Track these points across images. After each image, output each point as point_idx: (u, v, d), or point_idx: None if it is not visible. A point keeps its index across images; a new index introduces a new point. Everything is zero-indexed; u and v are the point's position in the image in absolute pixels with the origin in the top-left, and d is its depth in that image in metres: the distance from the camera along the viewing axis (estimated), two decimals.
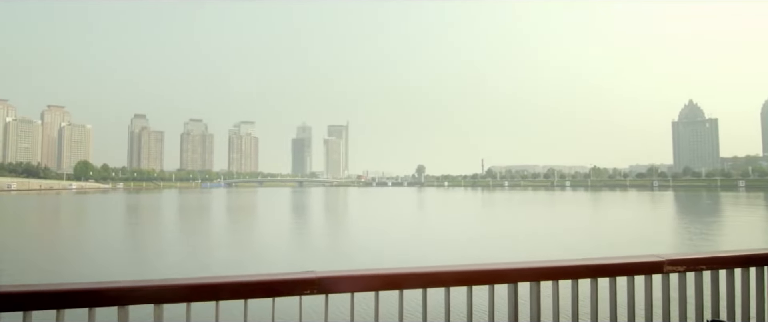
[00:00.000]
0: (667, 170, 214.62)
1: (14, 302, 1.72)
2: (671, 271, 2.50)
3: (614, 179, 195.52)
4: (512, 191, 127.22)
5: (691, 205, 57.76)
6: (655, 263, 2.49)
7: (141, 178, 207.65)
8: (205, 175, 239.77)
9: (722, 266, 2.58)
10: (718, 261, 2.60)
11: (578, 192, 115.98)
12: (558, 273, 2.39)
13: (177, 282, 1.92)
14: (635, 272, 2.47)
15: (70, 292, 1.78)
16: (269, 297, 1.96)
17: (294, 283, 1.99)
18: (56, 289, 1.77)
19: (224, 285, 1.96)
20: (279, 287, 1.99)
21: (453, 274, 2.23)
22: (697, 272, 2.57)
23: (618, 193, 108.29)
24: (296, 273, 2.02)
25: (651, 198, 76.81)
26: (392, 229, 30.71)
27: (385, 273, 2.16)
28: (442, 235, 26.64)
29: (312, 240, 25.61)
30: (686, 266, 2.53)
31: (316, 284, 1.98)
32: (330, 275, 2.03)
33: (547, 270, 2.39)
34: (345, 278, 2.07)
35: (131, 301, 1.82)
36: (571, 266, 2.44)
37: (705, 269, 2.58)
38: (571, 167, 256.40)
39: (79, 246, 22.83)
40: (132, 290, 1.83)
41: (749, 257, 2.66)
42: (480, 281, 2.24)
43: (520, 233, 27.30)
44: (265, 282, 1.99)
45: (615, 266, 2.47)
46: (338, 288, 2.04)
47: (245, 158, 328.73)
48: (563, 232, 27.26)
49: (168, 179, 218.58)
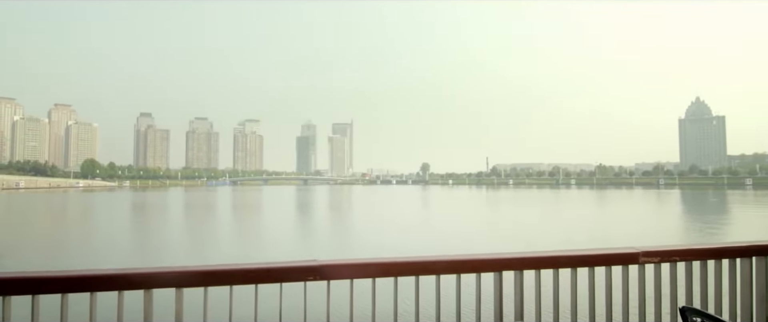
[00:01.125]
0: (673, 167, 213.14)
1: (53, 286, 1.98)
2: (646, 262, 2.68)
3: (620, 176, 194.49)
4: (517, 189, 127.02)
5: (696, 203, 57.40)
6: (630, 255, 2.68)
7: (147, 176, 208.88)
8: (210, 173, 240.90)
9: (696, 257, 2.77)
10: (692, 253, 2.78)
11: (583, 190, 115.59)
12: (540, 263, 2.59)
13: (195, 269, 2.18)
14: (612, 262, 2.67)
15: (102, 277, 2.07)
16: (277, 283, 2.22)
17: (299, 270, 2.24)
18: (90, 274, 2.08)
19: (238, 272, 2.21)
20: (286, 274, 2.25)
21: (443, 263, 2.46)
22: (672, 263, 2.73)
23: (623, 191, 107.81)
24: (301, 261, 2.27)
25: (657, 196, 76.40)
26: (392, 227, 30.76)
27: (381, 262, 2.41)
28: (440, 233, 26.67)
29: (316, 235, 26.46)
30: (660, 258, 2.69)
31: (318, 272, 2.22)
32: (331, 263, 2.27)
33: (530, 260, 2.59)
34: (345, 266, 2.33)
35: (155, 285, 2.07)
36: (553, 257, 2.65)
37: (678, 260, 2.71)
38: (576, 165, 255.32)
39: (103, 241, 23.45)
40: (156, 275, 2.10)
41: (722, 250, 2.86)
42: (467, 270, 2.46)
43: (520, 231, 27.27)
44: (274, 269, 2.26)
45: (593, 257, 2.67)
46: (339, 275, 2.28)
47: (250, 156, 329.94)
48: (564, 230, 27.19)
49: (174, 177, 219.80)
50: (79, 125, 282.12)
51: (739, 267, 2.87)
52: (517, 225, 30.39)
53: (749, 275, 2.87)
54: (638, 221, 33.43)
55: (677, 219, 36.37)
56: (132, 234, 27.60)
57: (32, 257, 17.55)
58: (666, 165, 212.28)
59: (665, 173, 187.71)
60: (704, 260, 2.80)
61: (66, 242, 23.53)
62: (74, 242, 23.51)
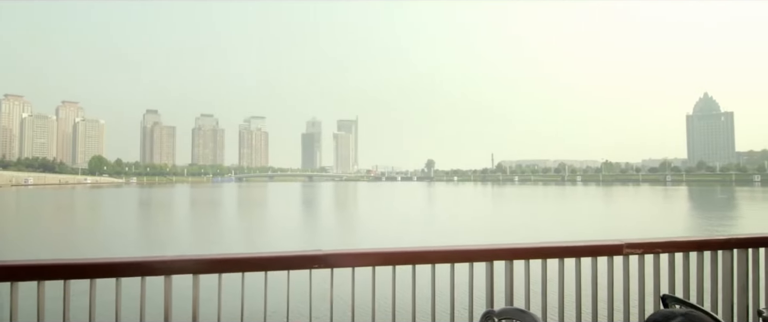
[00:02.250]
0: (680, 164, 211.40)
1: (80, 272, 2.21)
2: (630, 253, 2.81)
3: (626, 173, 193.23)
4: (522, 186, 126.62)
5: (703, 200, 56.96)
6: (615, 246, 2.81)
7: (154, 172, 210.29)
8: (216, 169, 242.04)
9: (678, 249, 2.86)
10: (674, 245, 2.88)
11: (589, 187, 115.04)
12: (529, 253, 2.74)
13: (210, 257, 2.39)
14: (598, 253, 2.82)
15: (126, 264, 2.30)
16: (285, 270, 2.43)
17: (305, 258, 2.43)
18: (115, 261, 2.30)
19: (249, 260, 2.42)
20: (293, 262, 2.45)
21: (437, 253, 2.65)
22: (655, 254, 2.79)
23: (630, 187, 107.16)
24: (307, 251, 2.45)
25: (663, 193, 75.89)
26: (395, 223, 30.85)
27: (381, 252, 2.60)
28: (442, 232, 26.68)
29: (320, 230, 27.35)
30: (643, 249, 2.82)
31: (323, 260, 2.40)
32: (335, 252, 2.45)
33: (520, 251, 2.75)
34: (347, 255, 2.51)
35: (174, 272, 2.25)
36: (541, 248, 2.80)
37: (661, 252, 2.80)
38: (582, 162, 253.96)
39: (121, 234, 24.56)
40: (174, 263, 2.28)
41: (704, 243, 2.97)
42: (460, 260, 2.62)
43: (522, 231, 27.22)
44: (282, 257, 2.49)
45: (580, 248, 2.83)
46: (341, 263, 2.46)
47: (256, 153, 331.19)
48: (564, 225, 27.12)
49: (180, 173, 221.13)
50: (86, 122, 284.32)
51: (721, 259, 2.96)
52: (521, 225, 30.30)
53: (730, 266, 2.97)
54: (642, 217, 33.28)
55: (684, 216, 36.15)
56: (145, 228, 28.32)
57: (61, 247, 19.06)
58: (673, 161, 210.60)
59: (672, 169, 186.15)
60: (686, 252, 2.91)
61: (88, 234, 24.62)
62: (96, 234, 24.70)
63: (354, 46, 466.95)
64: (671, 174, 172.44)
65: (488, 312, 2.04)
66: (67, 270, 2.17)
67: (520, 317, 1.94)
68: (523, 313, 1.96)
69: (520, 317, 1.94)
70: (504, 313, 2.00)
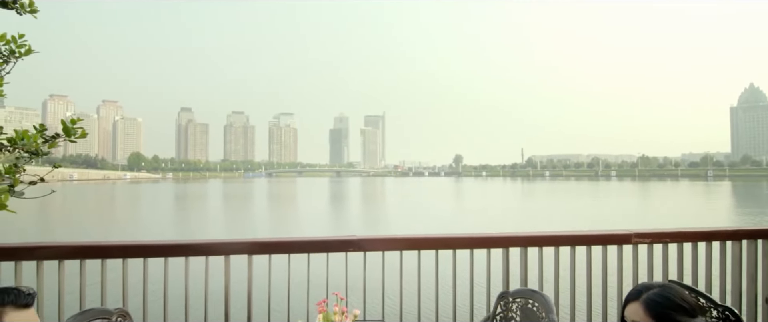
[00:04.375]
0: (723, 158, 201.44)
1: (134, 252, 2.64)
2: (638, 242, 2.96)
3: (664, 168, 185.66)
4: (553, 182, 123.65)
5: (749, 196, 54.04)
6: (624, 236, 2.97)
7: (188, 168, 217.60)
8: (247, 165, 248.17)
9: (686, 239, 2.98)
10: (682, 235, 3.00)
11: (624, 182, 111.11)
12: (542, 241, 2.97)
13: (262, 240, 2.81)
14: (608, 242, 3.00)
15: (173, 245, 2.74)
16: (324, 253, 2.82)
17: (341, 242, 2.82)
18: (184, 242, 2.76)
19: (294, 243, 2.89)
20: (331, 246, 2.86)
21: (459, 240, 2.93)
22: (663, 244, 2.93)
23: (668, 183, 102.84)
24: (343, 236, 2.87)
25: (704, 189, 72.47)
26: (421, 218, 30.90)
27: (408, 238, 2.93)
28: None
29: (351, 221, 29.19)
30: (652, 239, 2.95)
31: (357, 244, 2.79)
32: (367, 237, 2.84)
33: (534, 238, 2.97)
34: (378, 240, 2.89)
35: (233, 252, 2.69)
36: (554, 236, 3.01)
37: (669, 241, 2.93)
38: (617, 156, 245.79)
39: (178, 222, 27.35)
40: (233, 245, 2.73)
41: (711, 233, 3.05)
42: (479, 246, 2.93)
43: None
44: (321, 241, 2.90)
45: (590, 237, 3.00)
46: (373, 247, 2.84)
47: (285, 149, 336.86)
48: (595, 223, 26.37)
49: (213, 169, 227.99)
50: (124, 120, 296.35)
51: (730, 249, 3.06)
52: (547, 223, 29.72)
53: (739, 257, 3.06)
54: (678, 214, 31.95)
55: (726, 213, 34.46)
56: (197, 218, 30.19)
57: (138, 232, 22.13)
58: (715, 156, 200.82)
59: (714, 163, 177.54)
60: (695, 242, 3.03)
61: (152, 221, 27.43)
62: (157, 221, 27.33)
63: (381, 43, 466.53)
64: (713, 169, 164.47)
65: (504, 293, 2.48)
66: (147, 250, 2.65)
67: (532, 296, 2.30)
68: (534, 293, 2.30)
69: (532, 296, 2.29)
70: (518, 293, 2.38)
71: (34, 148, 1.89)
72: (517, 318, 2.36)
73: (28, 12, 1.96)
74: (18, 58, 1.97)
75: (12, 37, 1.91)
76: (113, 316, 2.04)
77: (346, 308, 1.97)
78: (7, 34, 1.86)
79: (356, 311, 1.97)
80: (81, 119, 2.09)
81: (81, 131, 2.01)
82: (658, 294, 1.38)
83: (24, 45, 1.94)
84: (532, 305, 2.34)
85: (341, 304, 1.98)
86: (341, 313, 1.91)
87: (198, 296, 2.64)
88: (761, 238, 3.08)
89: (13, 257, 2.49)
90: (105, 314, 2.02)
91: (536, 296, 2.30)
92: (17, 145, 1.85)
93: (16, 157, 1.96)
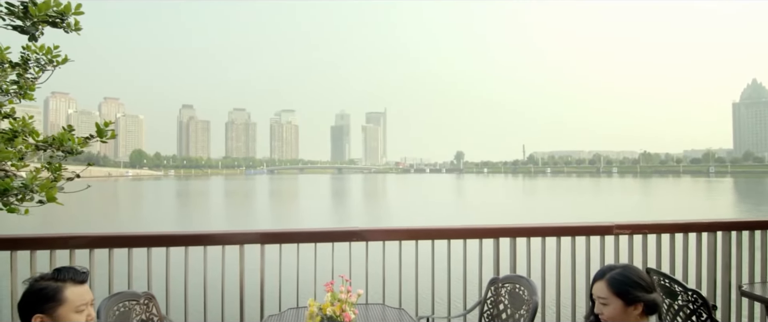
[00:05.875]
0: (725, 154, 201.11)
1: (158, 242, 2.90)
2: (619, 233, 3.17)
3: (666, 164, 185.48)
4: (554, 178, 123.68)
5: (751, 192, 54.06)
6: (606, 227, 3.19)
7: (190, 165, 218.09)
8: (249, 162, 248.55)
9: (664, 231, 3.18)
10: (660, 227, 3.20)
11: (625, 179, 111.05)
12: (530, 232, 3.18)
13: (273, 231, 3.05)
14: (591, 233, 3.20)
15: (193, 235, 3.00)
16: (330, 242, 3.06)
17: (345, 233, 3.06)
18: (184, 233, 3.04)
19: (303, 234, 3.12)
20: (336, 236, 3.09)
21: (453, 231, 3.15)
22: (643, 235, 3.13)
23: (669, 179, 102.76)
24: (347, 227, 3.13)
25: (706, 185, 72.45)
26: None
27: (406, 229, 3.14)
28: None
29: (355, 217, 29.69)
30: (632, 230, 3.16)
31: (360, 235, 3.03)
32: (369, 228, 3.06)
33: (522, 230, 3.19)
34: (379, 231, 3.10)
35: (247, 241, 2.95)
36: (541, 227, 3.21)
37: (648, 232, 3.14)
38: (619, 153, 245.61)
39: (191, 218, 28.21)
40: (247, 235, 2.99)
41: (689, 225, 3.24)
42: (472, 236, 3.15)
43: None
44: (328, 232, 3.12)
45: (574, 228, 3.21)
46: (374, 238, 3.06)
47: (286, 146, 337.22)
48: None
49: (215, 166, 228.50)
50: (126, 117, 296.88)
51: (706, 240, 3.26)
52: (545, 217, 29.93)
53: (714, 247, 3.26)
54: (677, 211, 32.07)
55: (724, 209, 34.60)
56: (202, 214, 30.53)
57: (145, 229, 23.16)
58: (718, 152, 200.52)
59: (716, 160, 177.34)
60: (672, 233, 3.23)
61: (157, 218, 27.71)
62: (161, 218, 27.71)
63: (383, 40, 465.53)
64: (715, 165, 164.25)
65: (494, 279, 2.76)
66: (169, 240, 2.91)
67: (519, 281, 2.57)
68: (521, 278, 2.57)
69: (519, 282, 2.56)
70: (507, 279, 2.66)
71: (70, 149, 2.23)
72: (506, 301, 2.62)
73: (73, 30, 2.26)
74: (56, 66, 2.33)
75: (47, 49, 2.28)
76: (140, 299, 2.33)
77: (350, 288, 2.16)
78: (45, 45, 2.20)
79: (360, 291, 2.18)
80: (112, 122, 2.37)
81: (111, 133, 2.32)
82: (619, 273, 1.63)
83: (59, 55, 2.31)
84: (519, 290, 2.57)
85: (346, 285, 2.18)
86: (347, 292, 2.11)
87: (215, 281, 2.87)
88: (735, 229, 3.29)
89: (49, 246, 2.74)
90: (133, 297, 2.31)
91: (523, 281, 2.55)
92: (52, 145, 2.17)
93: (50, 156, 2.31)
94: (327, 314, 2.01)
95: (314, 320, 2.02)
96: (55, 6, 2.16)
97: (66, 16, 2.21)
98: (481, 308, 2.74)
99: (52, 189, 2.12)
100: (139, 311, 2.32)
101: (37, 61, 2.31)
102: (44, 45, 2.22)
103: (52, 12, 2.16)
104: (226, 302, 2.91)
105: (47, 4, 2.13)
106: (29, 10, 2.12)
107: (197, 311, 2.93)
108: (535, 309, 2.36)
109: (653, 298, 1.59)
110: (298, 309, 2.69)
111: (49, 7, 2.14)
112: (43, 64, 2.31)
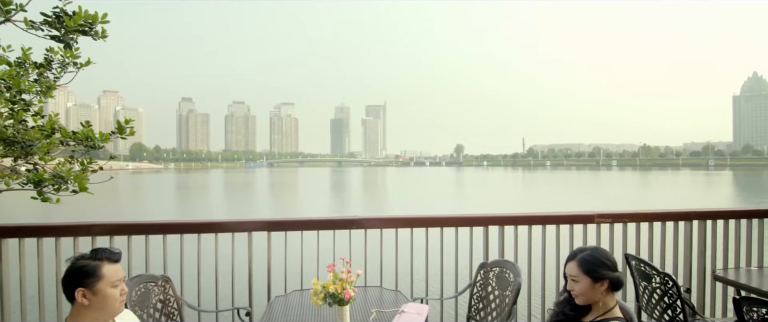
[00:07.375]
0: (725, 147, 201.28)
1: (172, 229, 3.11)
2: (600, 222, 3.39)
3: (666, 157, 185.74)
4: (554, 171, 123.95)
5: (750, 185, 54.32)
6: (587, 216, 3.41)
7: (190, 158, 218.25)
8: (248, 155, 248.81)
9: (643, 220, 3.39)
10: (640, 216, 3.40)
11: (625, 172, 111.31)
12: (517, 220, 3.40)
13: (279, 219, 3.26)
14: (573, 222, 3.43)
15: (204, 223, 3.22)
16: (331, 230, 3.28)
17: (345, 221, 3.27)
18: (196, 221, 3.25)
19: (306, 222, 3.31)
20: (336, 224, 3.30)
21: (446, 219, 3.36)
22: (622, 223, 3.34)
23: (668, 173, 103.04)
24: (346, 215, 3.31)
25: (705, 178, 72.70)
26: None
27: (402, 217, 3.35)
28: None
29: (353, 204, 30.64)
30: (612, 219, 3.39)
31: (358, 223, 3.24)
32: (367, 217, 3.27)
33: (509, 218, 3.40)
34: (376, 219, 3.31)
35: (254, 229, 3.17)
36: (527, 216, 3.44)
37: (628, 221, 3.34)
38: (618, 146, 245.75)
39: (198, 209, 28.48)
40: (254, 223, 3.19)
41: (666, 214, 3.45)
42: (463, 225, 3.37)
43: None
44: (329, 220, 3.33)
45: (558, 217, 3.44)
46: (372, 226, 3.28)
47: (286, 139, 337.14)
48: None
49: (214, 159, 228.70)
50: (125, 110, 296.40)
51: (682, 228, 3.48)
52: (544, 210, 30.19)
53: (690, 235, 3.48)
54: (675, 204, 32.32)
55: (723, 202, 34.86)
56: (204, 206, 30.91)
57: None
58: (717, 145, 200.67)
59: (716, 153, 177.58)
60: (651, 222, 3.44)
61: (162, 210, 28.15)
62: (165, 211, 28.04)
63: (383, 34, 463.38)
64: (714, 158, 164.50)
65: (483, 263, 2.99)
66: (183, 228, 3.14)
67: (506, 265, 2.83)
68: (507, 262, 2.83)
69: (506, 265, 2.83)
70: (495, 263, 2.91)
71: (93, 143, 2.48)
72: (494, 284, 2.88)
73: (100, 38, 2.52)
74: (79, 68, 2.56)
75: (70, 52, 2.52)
76: (158, 281, 2.58)
77: (350, 269, 2.36)
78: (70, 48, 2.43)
79: (359, 271, 2.38)
80: (132, 120, 2.59)
81: (130, 130, 2.55)
82: (588, 254, 1.84)
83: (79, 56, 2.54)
84: (505, 273, 2.83)
85: (346, 266, 2.38)
86: (347, 272, 2.32)
87: (226, 265, 3.08)
88: (709, 219, 3.50)
89: (73, 233, 2.98)
90: (152, 279, 2.56)
91: (508, 265, 2.83)
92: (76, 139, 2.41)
93: (72, 150, 2.57)
94: (330, 291, 2.23)
95: (318, 297, 2.25)
96: (85, 16, 2.42)
97: (95, 24, 2.48)
98: (472, 290, 2.97)
99: (83, 180, 2.39)
100: (158, 292, 2.55)
101: (62, 62, 2.54)
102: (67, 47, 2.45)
103: (83, 21, 2.41)
104: (236, 284, 3.14)
105: (80, 15, 2.39)
106: (64, 21, 2.36)
107: (209, 292, 3.15)
108: (518, 289, 2.62)
109: (617, 276, 1.79)
110: (303, 291, 2.91)
111: (81, 17, 2.40)
112: (66, 64, 2.53)
